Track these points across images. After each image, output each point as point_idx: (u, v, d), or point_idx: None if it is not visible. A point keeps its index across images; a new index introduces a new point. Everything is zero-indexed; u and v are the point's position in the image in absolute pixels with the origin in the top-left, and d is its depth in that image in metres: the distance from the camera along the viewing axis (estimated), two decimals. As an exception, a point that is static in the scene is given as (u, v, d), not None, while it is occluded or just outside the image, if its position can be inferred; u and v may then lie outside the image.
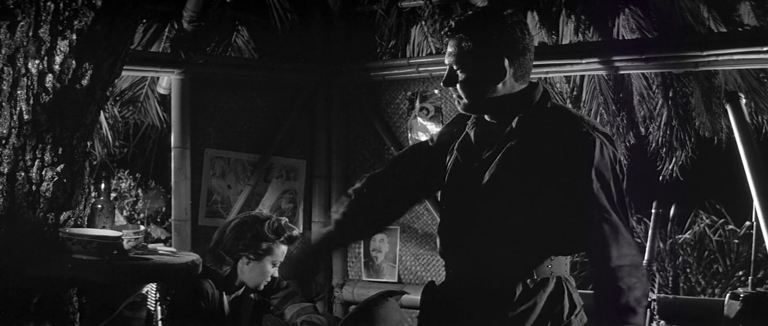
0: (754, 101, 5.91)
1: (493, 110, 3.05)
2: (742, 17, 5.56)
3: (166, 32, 6.25)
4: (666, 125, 6.42)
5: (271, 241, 4.50)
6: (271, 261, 4.53)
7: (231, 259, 4.52)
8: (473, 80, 3.00)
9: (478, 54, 2.98)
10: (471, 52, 2.99)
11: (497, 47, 2.97)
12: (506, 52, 2.97)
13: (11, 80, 3.71)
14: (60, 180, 3.94)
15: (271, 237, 4.50)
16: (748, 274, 6.14)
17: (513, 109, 3.02)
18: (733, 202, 9.16)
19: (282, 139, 6.28)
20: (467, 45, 2.99)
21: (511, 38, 2.98)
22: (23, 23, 3.69)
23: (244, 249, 4.50)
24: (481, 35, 2.98)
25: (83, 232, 3.89)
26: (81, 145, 4.04)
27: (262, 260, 4.51)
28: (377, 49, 6.37)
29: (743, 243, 9.16)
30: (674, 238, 9.32)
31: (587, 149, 2.91)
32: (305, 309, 4.75)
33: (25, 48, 3.73)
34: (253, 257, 4.50)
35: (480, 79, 2.99)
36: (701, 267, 9.35)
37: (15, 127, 3.74)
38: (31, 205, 3.83)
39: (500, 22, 2.99)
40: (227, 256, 4.52)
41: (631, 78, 6.34)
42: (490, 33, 2.98)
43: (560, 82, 6.76)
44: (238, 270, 4.53)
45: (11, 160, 3.75)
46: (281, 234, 4.53)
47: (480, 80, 3.00)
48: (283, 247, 4.57)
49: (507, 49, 2.98)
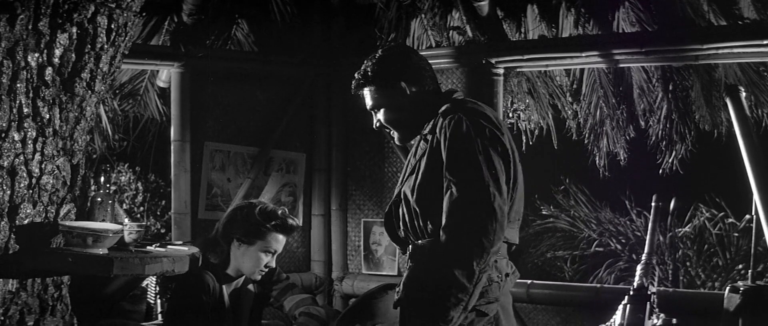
0: (754, 94, 5.92)
1: (414, 128, 3.51)
2: (742, 11, 5.56)
3: (166, 25, 6.25)
4: (666, 118, 6.43)
5: (261, 225, 4.49)
6: (264, 247, 4.51)
7: (225, 244, 4.52)
8: (389, 115, 3.52)
9: (381, 93, 3.52)
10: (377, 94, 3.52)
11: (392, 78, 3.49)
12: (400, 78, 3.49)
13: (11, 73, 3.70)
14: (60, 173, 3.94)
15: (261, 220, 4.50)
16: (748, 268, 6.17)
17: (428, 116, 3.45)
18: (732, 196, 9.16)
19: (282, 132, 6.28)
20: (372, 89, 3.53)
21: (402, 67, 3.51)
22: (23, 16, 3.69)
23: (235, 232, 4.50)
24: (378, 76, 3.51)
25: (83, 225, 3.89)
26: (81, 139, 4.03)
27: (253, 245, 4.50)
28: (377, 41, 6.37)
29: (743, 236, 9.16)
30: (674, 232, 9.32)
31: (447, 128, 3.30)
32: (304, 301, 4.76)
33: (24, 41, 3.72)
34: (244, 240, 4.50)
35: (391, 108, 3.51)
36: (701, 260, 9.36)
37: (15, 120, 3.74)
38: (31, 198, 3.83)
39: (386, 60, 3.53)
40: (221, 241, 4.53)
41: (631, 71, 6.35)
42: (384, 70, 3.51)
43: (560, 75, 6.77)
44: (232, 256, 4.54)
45: (11, 153, 3.75)
46: (271, 218, 4.52)
47: (393, 110, 3.51)
48: (277, 235, 4.54)
49: (399, 76, 3.50)
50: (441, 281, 3.14)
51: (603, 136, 6.76)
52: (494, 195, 3.16)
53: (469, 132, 3.25)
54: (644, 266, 4.31)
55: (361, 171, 6.37)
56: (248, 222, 4.50)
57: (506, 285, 3.39)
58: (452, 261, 3.14)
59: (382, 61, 3.53)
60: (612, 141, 6.76)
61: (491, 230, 3.13)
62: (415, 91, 3.49)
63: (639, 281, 4.23)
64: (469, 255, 3.12)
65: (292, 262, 6.36)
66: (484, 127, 3.27)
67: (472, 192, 3.17)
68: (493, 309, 3.31)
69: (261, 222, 4.49)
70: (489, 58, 5.78)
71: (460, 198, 3.17)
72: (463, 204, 3.17)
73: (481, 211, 3.14)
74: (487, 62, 5.78)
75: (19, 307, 3.89)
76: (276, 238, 4.54)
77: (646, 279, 4.21)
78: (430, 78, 3.55)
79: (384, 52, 3.57)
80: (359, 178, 6.38)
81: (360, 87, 3.57)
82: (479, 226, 3.13)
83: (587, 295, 5.64)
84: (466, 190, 3.17)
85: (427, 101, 3.48)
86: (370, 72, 3.52)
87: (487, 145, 3.23)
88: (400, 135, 3.55)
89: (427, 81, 3.54)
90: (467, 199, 3.17)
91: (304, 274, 6.33)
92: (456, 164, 3.23)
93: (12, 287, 3.88)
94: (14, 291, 3.88)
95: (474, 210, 3.15)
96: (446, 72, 5.95)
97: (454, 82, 5.90)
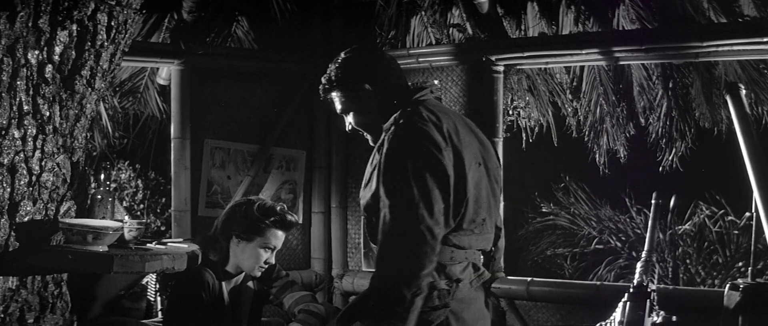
0: (754, 92, 5.92)
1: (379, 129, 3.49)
2: (742, 8, 5.57)
3: (166, 23, 6.25)
4: (666, 116, 6.44)
5: (260, 221, 4.50)
6: (263, 244, 4.52)
7: (224, 241, 4.53)
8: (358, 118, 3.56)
9: (348, 97, 3.54)
10: (344, 98, 3.55)
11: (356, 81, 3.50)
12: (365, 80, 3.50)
13: (11, 71, 3.70)
14: (60, 170, 3.94)
15: (259, 217, 4.50)
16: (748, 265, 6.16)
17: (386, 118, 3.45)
18: (732, 193, 9.17)
19: (282, 130, 6.28)
20: (338, 94, 3.55)
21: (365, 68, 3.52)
22: (23, 14, 3.69)
23: (234, 228, 4.51)
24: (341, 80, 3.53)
25: (83, 223, 3.89)
26: (81, 136, 4.03)
27: (252, 241, 4.50)
28: (377, 39, 6.36)
29: (743, 234, 9.17)
30: (674, 229, 9.33)
31: (386, 143, 3.31)
32: (303, 298, 4.76)
33: (24, 38, 3.72)
34: (243, 237, 4.50)
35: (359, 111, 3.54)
36: (701, 258, 9.36)
37: (15, 117, 3.74)
38: (31, 196, 3.83)
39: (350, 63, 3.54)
40: (220, 238, 4.53)
41: (631, 68, 6.35)
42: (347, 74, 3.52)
43: (560, 72, 6.77)
44: (231, 252, 4.54)
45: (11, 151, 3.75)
46: (269, 215, 4.52)
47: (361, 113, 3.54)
48: (276, 232, 4.55)
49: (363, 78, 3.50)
50: (375, 306, 3.19)
51: (603, 134, 6.76)
52: (422, 218, 3.16)
53: (403, 151, 3.26)
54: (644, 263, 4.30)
55: (362, 168, 6.36)
56: (247, 218, 4.51)
57: (460, 291, 3.38)
58: (384, 288, 3.19)
59: (344, 65, 3.54)
60: (612, 138, 6.76)
61: (421, 254, 3.16)
62: (380, 92, 3.49)
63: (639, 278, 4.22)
64: (398, 283, 3.15)
65: (292, 260, 6.36)
66: (422, 144, 3.26)
67: (402, 217, 3.19)
68: (440, 316, 3.32)
69: (260, 218, 4.50)
70: (489, 56, 5.78)
71: (389, 224, 3.19)
72: (393, 231, 3.19)
73: (410, 238, 3.16)
74: (487, 59, 5.78)
75: (20, 305, 3.90)
76: (275, 235, 4.54)
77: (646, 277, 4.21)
78: (395, 77, 3.55)
79: (346, 54, 3.58)
80: (359, 176, 6.36)
81: (326, 92, 3.58)
82: (408, 253, 3.16)
83: (587, 293, 5.64)
84: (395, 215, 3.19)
85: (393, 102, 3.47)
86: (333, 77, 3.54)
87: (421, 166, 3.22)
88: (372, 137, 3.56)
89: (393, 80, 3.54)
90: (396, 225, 3.19)
91: (304, 271, 6.33)
92: (387, 186, 3.24)
93: (12, 284, 3.88)
94: (14, 289, 3.88)
95: (403, 237, 3.18)
96: (446, 69, 5.95)
97: (454, 80, 5.90)
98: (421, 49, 6.19)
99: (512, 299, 5.70)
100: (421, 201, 3.17)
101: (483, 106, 5.79)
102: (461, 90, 5.88)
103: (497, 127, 5.78)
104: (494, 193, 3.53)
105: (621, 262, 9.60)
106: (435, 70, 5.99)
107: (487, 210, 3.45)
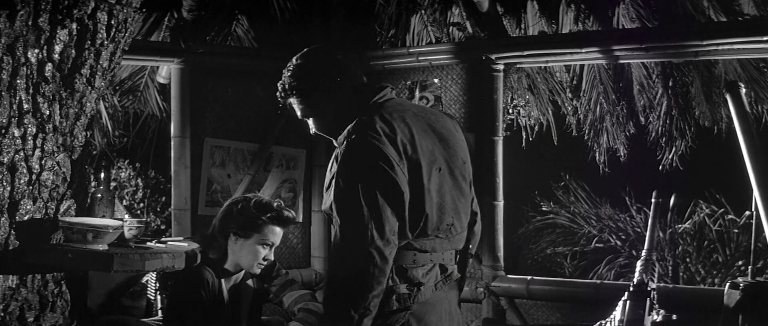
0: (754, 91, 5.91)
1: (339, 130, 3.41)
2: (741, 7, 5.56)
3: (166, 21, 6.25)
4: (666, 115, 6.43)
5: (256, 218, 4.50)
6: (261, 240, 4.52)
7: (222, 239, 4.53)
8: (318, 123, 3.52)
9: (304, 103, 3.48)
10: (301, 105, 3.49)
11: (310, 88, 3.45)
12: (318, 87, 3.44)
13: (11, 69, 3.70)
14: (60, 169, 3.94)
15: (256, 213, 4.51)
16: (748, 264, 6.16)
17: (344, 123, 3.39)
18: (732, 192, 9.17)
19: (282, 128, 6.27)
20: (297, 100, 3.49)
21: (318, 74, 3.45)
22: (23, 12, 3.69)
23: (231, 226, 4.51)
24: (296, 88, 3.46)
25: (83, 221, 3.89)
26: (81, 135, 4.03)
27: (250, 238, 4.51)
28: (377, 38, 6.36)
29: (743, 232, 9.17)
30: (674, 228, 9.33)
31: (338, 158, 3.28)
32: (303, 297, 4.76)
33: (24, 37, 3.72)
34: (241, 234, 4.51)
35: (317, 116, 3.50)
36: (701, 256, 9.37)
37: (15, 116, 3.74)
38: (31, 194, 3.83)
39: (304, 68, 3.48)
40: (218, 236, 4.53)
41: (631, 67, 6.35)
42: (301, 80, 3.45)
43: (560, 71, 6.77)
44: (229, 250, 4.54)
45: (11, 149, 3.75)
46: (266, 211, 4.53)
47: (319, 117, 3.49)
48: (273, 228, 4.55)
49: (316, 84, 3.44)
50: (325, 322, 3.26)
51: (603, 132, 6.76)
52: (372, 239, 3.15)
53: (354, 169, 3.23)
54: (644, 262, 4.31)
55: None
56: (243, 215, 4.51)
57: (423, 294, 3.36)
58: (332, 306, 3.25)
59: (298, 71, 3.48)
60: (612, 137, 6.76)
61: (368, 276, 3.16)
62: (335, 97, 3.44)
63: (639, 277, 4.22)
64: (346, 303, 3.17)
65: (292, 258, 6.36)
66: (373, 162, 3.22)
67: (350, 238, 3.19)
68: (399, 319, 3.32)
69: (256, 214, 4.50)
70: (489, 54, 5.78)
71: (340, 243, 3.21)
72: (342, 250, 3.20)
73: (359, 260, 3.16)
74: (487, 58, 5.78)
75: (19, 303, 3.90)
76: (272, 231, 4.54)
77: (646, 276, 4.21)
78: (350, 79, 3.47)
79: (299, 60, 3.51)
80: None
81: (284, 99, 3.53)
82: (356, 275, 3.17)
83: (587, 291, 5.65)
84: (345, 234, 3.20)
85: (348, 108, 3.41)
86: (287, 85, 3.48)
87: (372, 185, 3.19)
88: (335, 141, 3.46)
89: (348, 83, 3.46)
90: (346, 245, 3.20)
91: (304, 270, 6.33)
92: (338, 205, 3.23)
93: (12, 283, 3.88)
94: (14, 288, 3.88)
95: (352, 258, 3.18)
96: (446, 68, 5.95)
97: (454, 78, 5.90)
98: (421, 47, 6.18)
99: (512, 297, 5.70)
100: (372, 221, 3.16)
101: (483, 104, 5.79)
102: (461, 88, 5.88)
103: (497, 125, 5.79)
104: (462, 192, 3.48)
105: (621, 261, 9.61)
106: (435, 68, 5.99)
107: (454, 213, 3.42)
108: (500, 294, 5.70)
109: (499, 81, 5.83)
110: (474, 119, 5.86)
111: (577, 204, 10.44)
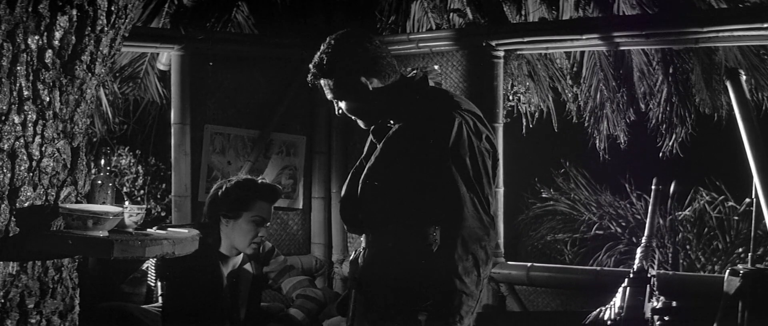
0: (754, 78, 5.92)
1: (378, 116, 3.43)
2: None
3: (166, 8, 6.25)
4: (666, 102, 6.44)
5: (241, 196, 4.54)
6: (250, 218, 4.55)
7: (214, 224, 4.57)
8: (351, 105, 3.43)
9: (340, 84, 3.39)
10: (336, 87, 3.40)
11: (350, 72, 3.38)
12: (359, 71, 3.37)
13: (11, 56, 3.69)
14: (60, 156, 3.93)
15: (240, 192, 4.55)
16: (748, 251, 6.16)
17: (391, 106, 3.39)
18: (733, 179, 9.16)
19: (282, 115, 6.28)
20: (328, 82, 3.41)
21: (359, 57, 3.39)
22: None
23: (220, 209, 4.55)
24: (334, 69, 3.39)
25: (83, 208, 3.89)
26: (81, 121, 4.03)
27: (239, 217, 4.54)
28: (377, 24, 6.36)
29: (743, 219, 9.17)
30: (674, 215, 9.33)
31: (446, 129, 3.20)
32: (301, 283, 4.78)
33: (24, 24, 3.71)
34: (229, 215, 4.54)
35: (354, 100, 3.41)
36: (701, 243, 9.37)
37: (15, 103, 3.73)
38: (31, 181, 3.83)
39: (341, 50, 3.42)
40: (210, 222, 4.57)
41: (632, 54, 6.35)
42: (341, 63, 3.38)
43: (560, 57, 6.76)
44: (222, 234, 4.58)
45: (11, 136, 3.75)
46: (249, 187, 4.57)
47: (355, 101, 3.41)
48: (260, 203, 4.59)
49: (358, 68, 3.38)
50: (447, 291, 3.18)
51: (603, 119, 6.77)
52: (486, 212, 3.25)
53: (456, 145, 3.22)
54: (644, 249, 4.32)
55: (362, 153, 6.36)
56: (229, 197, 4.56)
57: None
58: (455, 270, 3.17)
59: (337, 52, 3.42)
60: (612, 124, 6.77)
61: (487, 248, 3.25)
62: (376, 86, 3.39)
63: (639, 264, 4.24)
64: (475, 264, 3.20)
65: (292, 245, 6.37)
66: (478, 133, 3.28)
67: (473, 212, 3.21)
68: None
69: (240, 193, 4.55)
70: (489, 41, 5.77)
71: (467, 218, 3.20)
72: (465, 225, 3.19)
73: (480, 230, 3.23)
74: (487, 45, 5.78)
75: (20, 290, 3.90)
76: (260, 206, 4.59)
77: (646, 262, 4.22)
78: (389, 65, 3.42)
79: (337, 41, 3.46)
80: (359, 161, 6.38)
81: (316, 78, 3.47)
82: (479, 247, 3.22)
83: (587, 278, 5.65)
84: (467, 209, 3.19)
85: (391, 93, 3.39)
86: (325, 65, 3.41)
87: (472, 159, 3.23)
88: (365, 123, 3.49)
89: (388, 70, 3.41)
90: (469, 220, 3.21)
91: (304, 257, 6.34)
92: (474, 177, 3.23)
93: (12, 270, 3.88)
94: (14, 274, 3.88)
95: (474, 230, 3.21)
96: (446, 55, 5.95)
97: (454, 65, 5.90)
98: (421, 34, 6.18)
99: (512, 284, 5.71)
100: (485, 195, 3.24)
101: (483, 91, 5.79)
102: (461, 75, 5.88)
103: (497, 112, 5.78)
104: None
105: (621, 248, 9.61)
106: (435, 55, 5.99)
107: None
108: (500, 281, 5.71)
109: (499, 67, 5.83)
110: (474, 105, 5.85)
111: (578, 191, 10.44)
